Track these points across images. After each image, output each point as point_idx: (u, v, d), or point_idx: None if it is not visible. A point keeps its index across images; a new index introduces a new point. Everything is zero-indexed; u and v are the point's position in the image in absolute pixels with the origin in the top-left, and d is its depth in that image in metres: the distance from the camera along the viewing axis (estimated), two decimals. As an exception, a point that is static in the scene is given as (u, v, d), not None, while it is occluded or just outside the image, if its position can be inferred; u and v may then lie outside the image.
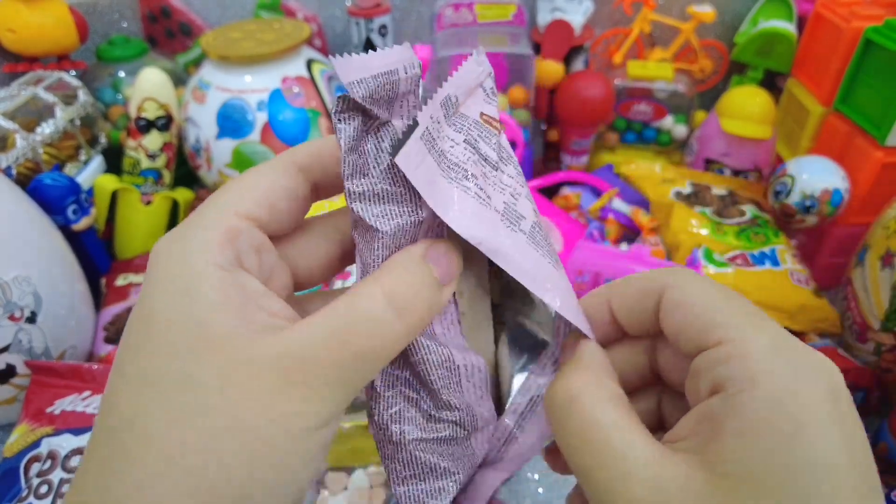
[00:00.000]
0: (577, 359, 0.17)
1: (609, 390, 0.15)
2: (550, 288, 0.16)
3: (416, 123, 0.16)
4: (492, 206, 0.17)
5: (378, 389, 0.17)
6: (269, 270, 0.17)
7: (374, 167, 0.16)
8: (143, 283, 0.15)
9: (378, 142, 0.16)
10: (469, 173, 0.17)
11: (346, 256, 0.19)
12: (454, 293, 0.18)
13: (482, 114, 0.18)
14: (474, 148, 0.17)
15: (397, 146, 0.15)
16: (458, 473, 0.18)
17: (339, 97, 0.16)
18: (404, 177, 0.16)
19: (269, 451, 0.14)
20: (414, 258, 0.16)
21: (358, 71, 0.15)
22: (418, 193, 0.16)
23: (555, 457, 0.19)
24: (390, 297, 0.15)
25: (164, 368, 0.14)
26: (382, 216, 0.16)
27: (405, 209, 0.16)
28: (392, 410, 0.17)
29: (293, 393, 0.14)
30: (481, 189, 0.17)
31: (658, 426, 0.19)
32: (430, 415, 0.18)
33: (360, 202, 0.16)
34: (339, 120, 0.16)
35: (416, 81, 0.17)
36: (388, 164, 0.16)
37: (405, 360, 0.17)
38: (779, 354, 0.13)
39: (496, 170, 0.18)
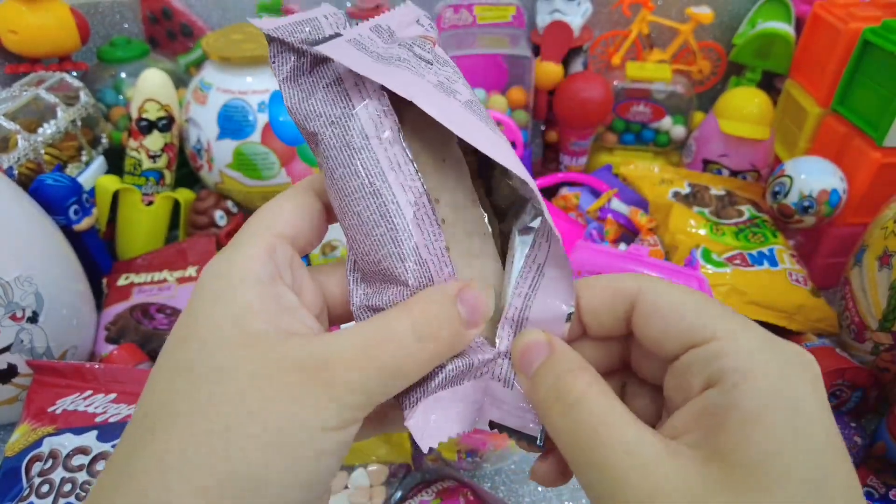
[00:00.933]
0: (560, 358, 0.17)
1: (608, 388, 0.16)
2: (492, 146, 0.16)
3: (339, 35, 0.17)
4: (425, 79, 0.17)
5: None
6: (300, 287, 0.18)
7: (313, 94, 0.17)
8: (192, 294, 0.17)
9: (317, 78, 0.17)
10: (402, 58, 0.17)
11: None
12: (434, 199, 0.18)
13: (419, 35, 0.19)
14: (409, 49, 0.18)
15: (320, 42, 0.16)
16: None
17: (268, 40, 0.17)
18: (341, 86, 0.17)
19: (285, 442, 0.14)
20: (445, 295, 0.17)
21: (277, 22, 0.17)
22: (350, 96, 0.17)
23: (545, 470, 0.18)
24: (415, 326, 0.16)
25: (199, 360, 0.15)
26: (324, 125, 0.17)
27: (343, 111, 0.17)
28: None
29: (315, 392, 0.15)
30: (413, 69, 0.17)
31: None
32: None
33: (305, 119, 0.17)
34: (273, 62, 0.17)
35: (340, 22, 0.18)
36: (326, 83, 0.17)
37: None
38: (768, 348, 0.14)
39: (431, 65, 0.18)
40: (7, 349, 0.40)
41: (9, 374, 0.41)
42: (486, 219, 0.20)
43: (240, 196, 0.60)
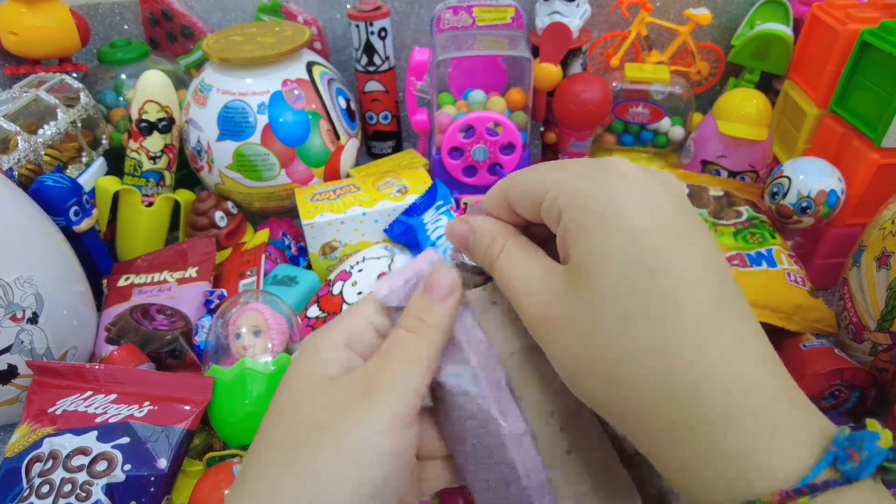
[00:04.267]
0: (479, 237, 0.21)
1: (516, 245, 0.20)
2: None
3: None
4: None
5: None
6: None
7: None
8: (293, 358, 0.22)
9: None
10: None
11: None
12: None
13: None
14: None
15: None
16: None
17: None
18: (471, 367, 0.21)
19: (350, 448, 0.18)
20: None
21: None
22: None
23: None
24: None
25: (285, 401, 0.20)
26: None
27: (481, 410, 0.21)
28: None
29: (367, 400, 0.20)
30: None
31: None
32: None
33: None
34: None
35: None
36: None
37: None
38: (584, 175, 0.17)
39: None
40: (7, 350, 0.40)
41: (9, 374, 0.41)
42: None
43: (240, 197, 0.60)
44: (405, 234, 0.53)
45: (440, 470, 0.23)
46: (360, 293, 0.48)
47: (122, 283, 0.52)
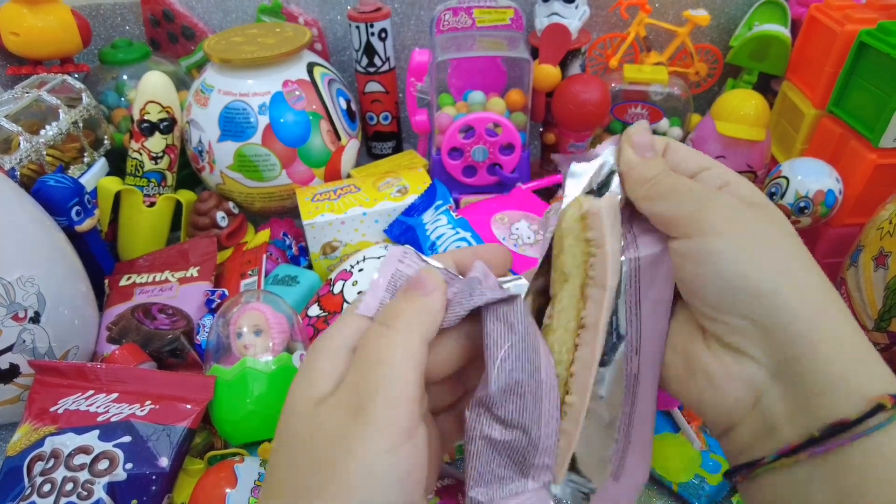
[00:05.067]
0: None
1: None
2: None
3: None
4: None
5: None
6: None
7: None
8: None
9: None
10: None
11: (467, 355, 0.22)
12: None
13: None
14: None
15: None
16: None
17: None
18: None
19: (349, 474, 0.17)
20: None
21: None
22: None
23: None
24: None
25: (286, 428, 0.20)
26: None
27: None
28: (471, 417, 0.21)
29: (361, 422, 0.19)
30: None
31: None
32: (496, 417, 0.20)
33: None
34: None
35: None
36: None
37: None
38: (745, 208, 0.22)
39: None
40: (9, 349, 0.41)
41: (11, 374, 0.42)
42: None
43: (241, 197, 0.60)
44: (405, 233, 0.53)
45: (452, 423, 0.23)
46: (360, 292, 0.48)
47: (123, 282, 0.52)
